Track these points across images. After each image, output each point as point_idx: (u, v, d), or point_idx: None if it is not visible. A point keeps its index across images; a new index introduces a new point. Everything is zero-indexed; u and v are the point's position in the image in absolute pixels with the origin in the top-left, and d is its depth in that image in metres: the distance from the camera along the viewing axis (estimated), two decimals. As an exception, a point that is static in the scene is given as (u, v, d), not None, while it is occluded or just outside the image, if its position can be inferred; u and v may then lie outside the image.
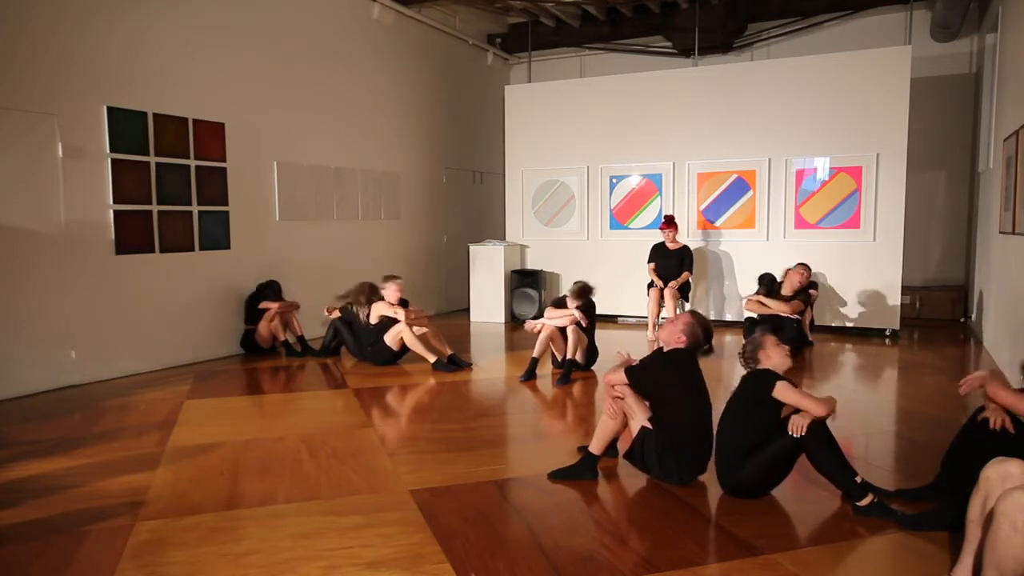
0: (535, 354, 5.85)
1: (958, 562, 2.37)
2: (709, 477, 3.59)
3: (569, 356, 5.76)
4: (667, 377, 3.44)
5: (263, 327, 6.85)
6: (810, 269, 7.10)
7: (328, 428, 4.53)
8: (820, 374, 6.16)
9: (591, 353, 6.09)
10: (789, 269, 7.00)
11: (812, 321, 7.48)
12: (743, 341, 3.72)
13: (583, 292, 6.02)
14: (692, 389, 3.47)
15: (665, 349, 3.55)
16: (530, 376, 5.80)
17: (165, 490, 3.46)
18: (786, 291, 6.87)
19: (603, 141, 9.15)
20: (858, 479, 3.11)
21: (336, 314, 6.68)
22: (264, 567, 2.67)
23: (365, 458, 3.91)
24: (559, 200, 9.46)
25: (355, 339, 6.59)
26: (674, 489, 3.40)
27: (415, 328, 6.32)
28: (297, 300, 7.11)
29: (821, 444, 3.10)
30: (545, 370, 6.09)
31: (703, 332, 3.54)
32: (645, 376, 3.46)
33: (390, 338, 6.29)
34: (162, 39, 6.27)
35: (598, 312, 6.24)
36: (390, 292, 6.45)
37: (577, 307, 5.91)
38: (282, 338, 6.92)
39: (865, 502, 3.05)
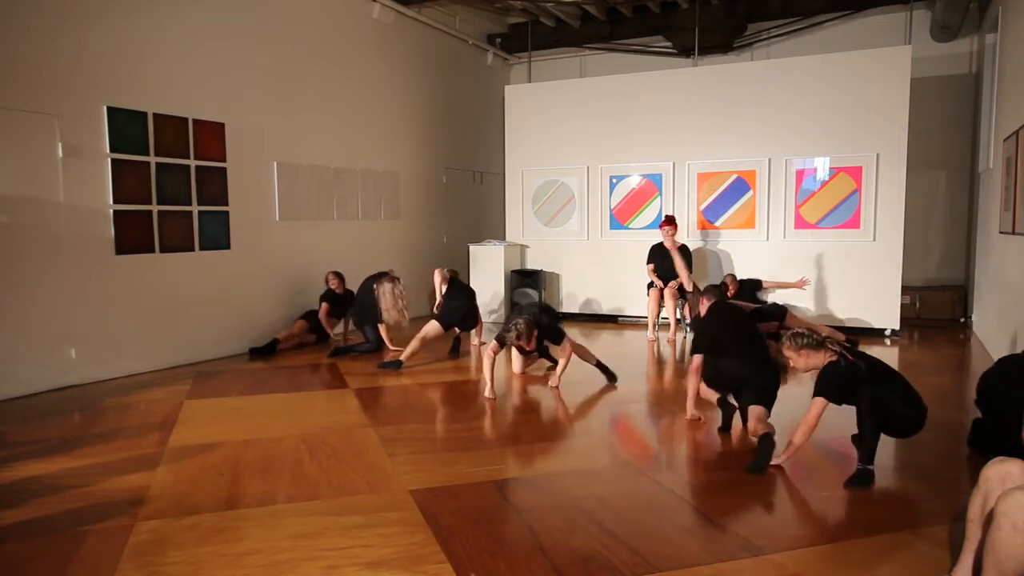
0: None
1: (958, 562, 2.37)
2: (707, 477, 3.59)
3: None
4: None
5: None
6: (733, 278, 7.55)
7: (328, 428, 4.53)
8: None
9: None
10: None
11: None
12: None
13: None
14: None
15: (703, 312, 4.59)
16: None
17: (165, 490, 3.46)
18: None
19: (603, 141, 9.14)
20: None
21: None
22: (264, 567, 2.67)
23: (365, 458, 3.91)
24: (559, 200, 9.46)
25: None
26: (674, 488, 3.40)
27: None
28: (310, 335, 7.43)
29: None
30: (542, 370, 6.11)
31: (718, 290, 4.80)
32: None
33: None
34: (162, 39, 6.27)
35: (598, 312, 6.20)
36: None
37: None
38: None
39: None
